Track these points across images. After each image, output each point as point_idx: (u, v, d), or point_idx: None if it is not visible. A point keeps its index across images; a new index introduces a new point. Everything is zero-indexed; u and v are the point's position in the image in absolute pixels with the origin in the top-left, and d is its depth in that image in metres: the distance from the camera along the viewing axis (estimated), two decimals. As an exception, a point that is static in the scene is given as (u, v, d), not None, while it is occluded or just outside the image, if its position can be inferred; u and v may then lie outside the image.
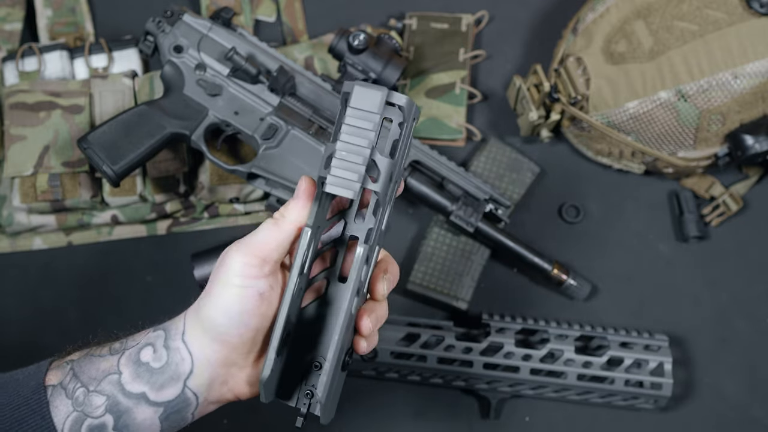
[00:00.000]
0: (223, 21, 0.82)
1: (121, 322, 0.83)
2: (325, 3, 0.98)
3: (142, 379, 0.49)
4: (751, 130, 0.78)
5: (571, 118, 0.86)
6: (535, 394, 0.79)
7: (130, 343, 0.51)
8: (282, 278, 0.51)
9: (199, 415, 0.53)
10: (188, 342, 0.50)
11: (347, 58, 0.81)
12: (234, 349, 0.50)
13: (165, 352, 0.50)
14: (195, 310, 0.51)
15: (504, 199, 0.82)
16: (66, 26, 0.92)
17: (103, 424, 0.48)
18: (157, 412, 0.49)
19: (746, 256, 0.87)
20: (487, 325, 0.79)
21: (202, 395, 0.51)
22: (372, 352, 0.61)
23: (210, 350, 0.49)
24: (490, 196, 0.82)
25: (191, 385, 0.50)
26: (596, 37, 0.81)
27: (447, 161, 0.83)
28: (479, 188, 0.82)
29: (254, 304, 0.48)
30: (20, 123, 0.82)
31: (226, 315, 0.48)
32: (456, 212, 0.80)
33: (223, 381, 0.51)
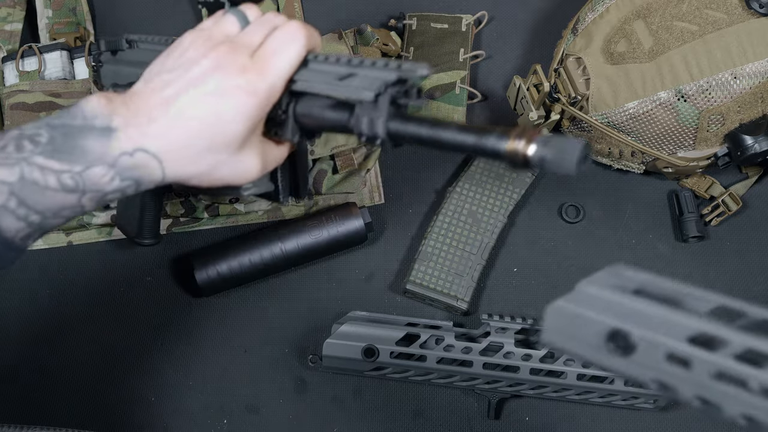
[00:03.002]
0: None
1: (121, 322, 0.84)
2: (325, 3, 0.98)
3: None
4: (751, 130, 0.78)
5: (571, 118, 0.86)
6: (535, 394, 0.79)
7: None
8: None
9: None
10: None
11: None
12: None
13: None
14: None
15: (414, 67, 0.48)
16: (66, 26, 0.92)
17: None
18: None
19: (746, 256, 0.87)
20: (486, 325, 0.79)
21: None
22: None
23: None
24: (397, 76, 0.48)
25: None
26: (596, 37, 0.81)
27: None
28: (375, 74, 0.49)
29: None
30: (20, 123, 0.82)
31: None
32: (356, 126, 0.49)
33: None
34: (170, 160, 0.48)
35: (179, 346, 0.83)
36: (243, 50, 0.50)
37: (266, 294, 0.85)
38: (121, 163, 0.47)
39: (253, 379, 0.82)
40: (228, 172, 0.51)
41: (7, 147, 0.46)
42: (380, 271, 0.86)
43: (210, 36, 0.51)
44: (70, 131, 0.46)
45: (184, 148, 0.48)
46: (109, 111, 0.47)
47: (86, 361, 0.81)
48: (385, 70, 0.47)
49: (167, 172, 0.48)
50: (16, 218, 0.46)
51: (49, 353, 0.82)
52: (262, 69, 0.49)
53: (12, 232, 0.46)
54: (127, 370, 0.81)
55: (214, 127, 0.48)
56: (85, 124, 0.47)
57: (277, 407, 0.81)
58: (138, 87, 0.50)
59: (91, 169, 0.46)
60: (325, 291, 0.85)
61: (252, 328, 0.84)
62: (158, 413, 0.80)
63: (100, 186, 0.47)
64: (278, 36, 0.51)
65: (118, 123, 0.47)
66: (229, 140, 0.49)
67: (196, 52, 0.49)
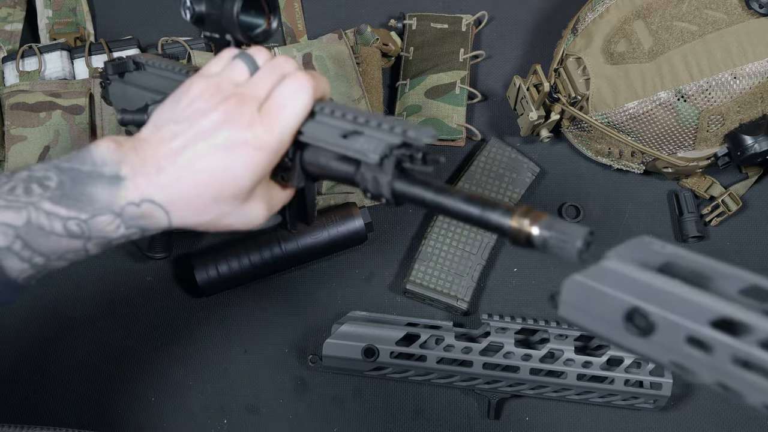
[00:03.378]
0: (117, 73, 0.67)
1: (121, 322, 0.84)
2: (324, 3, 0.98)
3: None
4: (751, 130, 0.78)
5: (571, 118, 0.86)
6: (535, 394, 0.79)
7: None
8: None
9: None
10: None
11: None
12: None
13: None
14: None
15: (419, 135, 0.46)
16: (66, 26, 0.92)
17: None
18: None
19: (746, 255, 0.87)
20: (486, 325, 0.79)
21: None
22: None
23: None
24: (402, 141, 0.47)
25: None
26: (596, 37, 0.81)
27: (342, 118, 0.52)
28: (380, 135, 0.49)
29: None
30: (21, 123, 0.82)
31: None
32: (361, 182, 0.50)
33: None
34: (177, 210, 0.48)
35: (179, 346, 0.83)
36: (251, 103, 0.49)
37: (266, 294, 0.85)
38: (127, 212, 0.47)
39: (253, 379, 0.82)
40: (234, 221, 0.51)
41: (16, 189, 0.46)
42: (380, 271, 0.86)
43: (219, 85, 0.50)
44: (79, 177, 0.46)
45: (191, 199, 0.48)
46: (119, 157, 0.47)
47: (86, 361, 0.81)
48: (390, 133, 0.47)
49: (173, 220, 0.49)
50: (20, 260, 0.46)
51: (50, 353, 0.82)
52: (269, 124, 0.49)
53: (15, 273, 0.46)
54: (127, 370, 0.81)
55: (222, 181, 0.48)
56: (94, 171, 0.46)
57: (277, 407, 0.81)
58: (147, 133, 0.50)
59: (97, 217, 0.46)
60: (325, 291, 0.85)
61: (252, 328, 0.84)
62: (158, 413, 0.80)
63: (105, 233, 0.47)
64: (286, 89, 0.50)
65: (127, 172, 0.46)
66: (236, 193, 0.49)
67: (205, 104, 0.49)
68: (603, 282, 0.38)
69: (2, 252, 0.45)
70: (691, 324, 0.35)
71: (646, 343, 0.37)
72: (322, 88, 0.52)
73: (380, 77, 0.91)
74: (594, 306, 0.38)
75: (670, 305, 0.35)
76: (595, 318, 0.39)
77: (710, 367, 0.35)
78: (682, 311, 0.35)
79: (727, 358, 0.34)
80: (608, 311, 0.38)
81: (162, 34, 0.92)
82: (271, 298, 0.85)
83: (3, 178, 0.47)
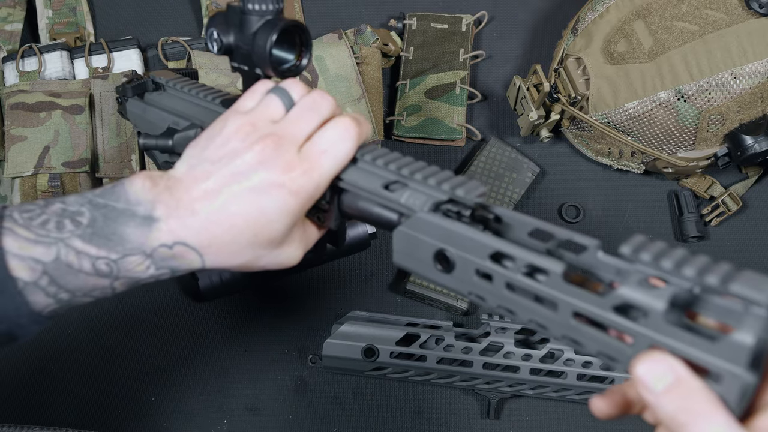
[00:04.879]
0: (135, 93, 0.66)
1: (121, 322, 0.84)
2: (324, 3, 0.98)
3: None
4: (751, 130, 0.78)
5: (571, 118, 0.86)
6: (535, 394, 0.79)
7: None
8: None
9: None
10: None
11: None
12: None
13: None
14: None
15: (468, 194, 0.44)
16: (66, 26, 0.92)
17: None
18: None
19: (746, 255, 0.87)
20: (486, 325, 0.79)
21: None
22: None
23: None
24: (449, 197, 0.46)
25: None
26: (596, 37, 0.81)
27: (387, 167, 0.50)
28: (427, 191, 0.47)
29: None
30: (20, 123, 0.82)
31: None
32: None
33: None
34: (210, 253, 0.47)
35: (179, 346, 0.83)
36: (289, 145, 0.47)
37: (266, 294, 0.85)
38: (159, 253, 0.46)
39: (253, 379, 0.82)
40: (269, 262, 0.50)
41: (48, 224, 0.45)
42: (380, 271, 0.86)
43: (254, 123, 0.48)
44: (112, 214, 0.46)
45: (226, 244, 0.47)
46: (153, 197, 0.46)
47: (86, 361, 0.81)
48: (437, 190, 0.46)
49: (207, 263, 0.48)
50: (45, 295, 0.45)
51: (49, 353, 0.82)
52: (309, 169, 0.47)
53: (40, 307, 0.46)
54: (127, 371, 0.81)
55: (257, 225, 0.46)
56: (128, 209, 0.46)
57: (277, 407, 0.81)
58: (181, 172, 0.48)
59: (128, 257, 0.46)
60: (325, 291, 0.85)
61: (252, 328, 0.84)
62: (158, 413, 0.80)
63: (134, 273, 0.46)
64: (329, 134, 0.48)
65: (161, 213, 0.45)
66: (272, 237, 0.47)
67: (240, 143, 0.47)
68: (418, 230, 0.44)
69: (29, 287, 0.44)
70: (476, 259, 0.41)
71: (450, 278, 0.43)
72: (366, 134, 0.50)
73: (380, 77, 0.91)
74: (414, 251, 0.45)
75: (463, 246, 0.42)
76: (416, 261, 0.45)
77: (493, 294, 0.41)
78: (470, 249, 0.42)
79: (502, 285, 0.41)
80: (423, 254, 0.44)
81: (162, 34, 0.92)
82: (271, 299, 0.85)
83: (37, 210, 0.46)
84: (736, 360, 0.33)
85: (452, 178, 0.46)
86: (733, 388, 0.34)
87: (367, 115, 0.86)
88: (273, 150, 0.46)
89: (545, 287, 0.39)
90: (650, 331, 0.35)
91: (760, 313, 0.33)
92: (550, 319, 0.39)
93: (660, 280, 0.36)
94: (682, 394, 0.35)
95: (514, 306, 0.41)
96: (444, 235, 0.43)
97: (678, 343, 0.35)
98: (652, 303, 0.35)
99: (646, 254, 0.36)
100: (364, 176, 0.49)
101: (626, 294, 0.36)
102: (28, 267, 0.44)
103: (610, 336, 0.38)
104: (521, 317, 0.41)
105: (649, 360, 0.36)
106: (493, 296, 0.42)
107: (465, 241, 0.42)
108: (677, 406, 0.35)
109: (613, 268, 0.38)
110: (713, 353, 0.34)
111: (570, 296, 0.38)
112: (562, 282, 0.38)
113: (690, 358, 0.35)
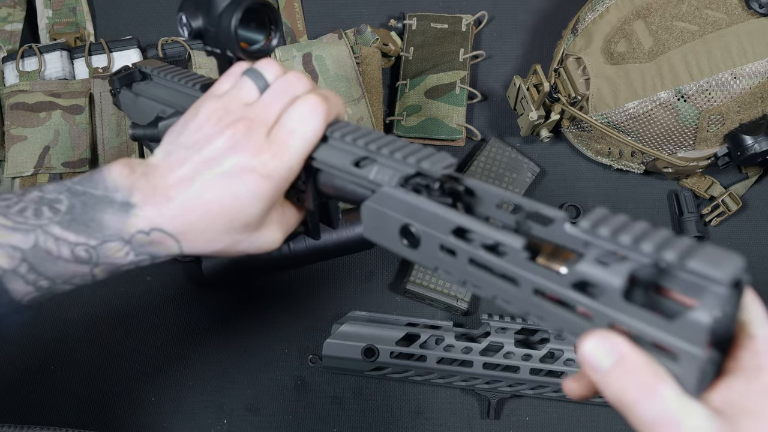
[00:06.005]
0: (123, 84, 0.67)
1: (121, 322, 0.84)
2: (325, 3, 0.98)
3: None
4: (751, 130, 0.78)
5: (571, 118, 0.86)
6: (535, 394, 0.79)
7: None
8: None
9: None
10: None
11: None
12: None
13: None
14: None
15: (434, 166, 0.44)
16: (66, 26, 0.92)
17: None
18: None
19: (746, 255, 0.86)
20: (486, 325, 0.79)
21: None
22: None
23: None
24: (416, 171, 0.45)
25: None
26: (596, 37, 0.81)
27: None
28: (394, 165, 0.46)
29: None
30: (20, 123, 0.82)
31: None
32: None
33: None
34: (187, 240, 0.47)
35: (179, 346, 0.83)
36: (259, 128, 0.47)
37: (266, 294, 0.85)
38: (137, 239, 0.46)
39: (253, 379, 0.82)
40: (248, 246, 0.49)
41: (26, 211, 0.45)
42: (380, 271, 0.86)
43: (227, 108, 0.48)
44: (90, 201, 0.46)
45: (202, 230, 0.47)
46: (130, 183, 0.46)
47: (86, 361, 0.81)
48: (404, 164, 0.45)
49: (185, 248, 0.48)
50: (25, 282, 0.45)
51: (49, 353, 0.82)
52: (278, 151, 0.47)
53: (20, 295, 0.46)
54: (127, 370, 0.81)
55: (231, 210, 0.46)
56: (106, 196, 0.46)
57: (277, 407, 0.81)
58: (157, 159, 0.48)
59: (106, 243, 0.46)
60: (325, 291, 0.85)
61: (252, 328, 0.84)
62: (158, 413, 0.80)
63: (114, 260, 0.47)
64: (296, 113, 0.48)
65: (138, 199, 0.46)
66: (247, 222, 0.47)
67: (212, 128, 0.47)
68: (383, 205, 0.44)
69: (7, 274, 0.44)
70: (439, 234, 0.41)
71: (417, 254, 0.43)
72: (336, 110, 0.50)
73: (380, 77, 0.91)
74: (382, 226, 0.45)
75: (426, 221, 0.42)
76: (385, 236, 0.45)
77: (458, 269, 0.41)
78: (433, 224, 0.42)
79: (465, 260, 0.40)
80: (390, 229, 0.44)
81: (162, 34, 0.92)
82: (271, 298, 0.85)
83: (14, 198, 0.46)
84: (693, 339, 0.32)
85: (420, 151, 0.45)
86: (692, 368, 0.33)
87: (367, 115, 0.86)
88: (243, 134, 0.46)
89: (506, 263, 0.38)
90: (608, 309, 0.35)
91: (719, 291, 0.32)
92: (512, 295, 0.39)
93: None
94: (626, 372, 0.34)
95: (479, 281, 0.41)
96: (408, 210, 0.43)
97: (636, 321, 0.34)
98: (609, 280, 0.34)
99: (604, 229, 0.35)
100: (336, 154, 0.48)
101: (584, 271, 0.35)
102: (7, 254, 0.44)
103: (570, 313, 0.37)
104: (486, 292, 0.41)
105: (593, 339, 0.35)
106: (458, 271, 0.42)
107: (428, 216, 0.42)
108: (621, 385, 0.34)
109: (580, 241, 0.37)
110: (670, 332, 0.33)
111: (530, 273, 0.38)
112: (523, 258, 0.38)
113: (648, 338, 0.34)
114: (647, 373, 0.34)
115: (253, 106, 0.49)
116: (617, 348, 0.34)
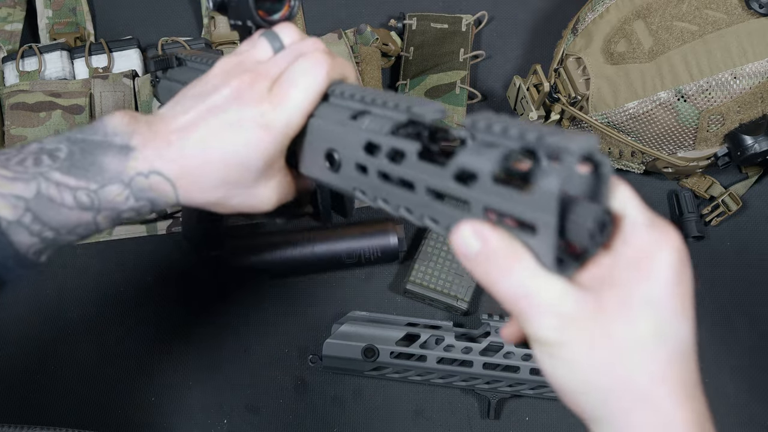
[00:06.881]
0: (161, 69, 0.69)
1: (121, 322, 0.84)
2: (325, 3, 0.98)
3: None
4: (751, 130, 0.78)
5: (571, 118, 0.86)
6: (535, 394, 0.79)
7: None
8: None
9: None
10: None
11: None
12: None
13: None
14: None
15: (424, 111, 0.41)
16: (66, 26, 0.92)
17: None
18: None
19: (746, 255, 0.87)
20: (486, 325, 0.79)
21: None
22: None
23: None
24: (407, 118, 0.43)
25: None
26: (596, 37, 0.81)
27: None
28: (386, 113, 0.45)
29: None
30: (20, 123, 0.82)
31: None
32: None
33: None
34: (183, 186, 0.47)
35: (179, 346, 0.83)
36: (263, 80, 0.47)
37: (266, 294, 0.85)
38: (136, 183, 0.46)
39: (253, 379, 0.82)
40: (241, 202, 0.49)
41: (26, 161, 0.45)
42: (380, 271, 0.86)
43: (240, 63, 0.49)
44: (89, 147, 0.46)
45: (199, 177, 0.47)
46: (131, 129, 0.46)
47: (86, 361, 0.81)
48: (395, 111, 0.45)
49: (180, 196, 0.48)
50: (29, 234, 0.45)
51: (50, 353, 0.82)
52: (278, 102, 0.47)
53: (25, 247, 0.45)
54: (127, 370, 0.81)
55: (230, 160, 0.46)
56: (105, 140, 0.46)
57: (277, 407, 0.81)
58: (164, 109, 0.49)
59: (106, 187, 0.46)
60: (325, 291, 0.85)
61: (252, 328, 0.84)
62: (158, 413, 0.80)
63: (115, 204, 0.47)
64: (297, 66, 0.48)
65: (137, 142, 0.46)
66: (243, 174, 0.47)
67: (220, 81, 0.48)
68: (313, 136, 0.47)
69: (12, 226, 0.44)
70: (353, 152, 0.43)
71: (338, 177, 0.45)
72: (341, 70, 0.50)
73: (380, 77, 0.91)
74: (312, 158, 0.47)
75: (344, 143, 0.44)
76: (316, 167, 0.47)
77: (370, 186, 0.43)
78: (348, 145, 0.44)
79: (375, 175, 0.42)
80: (318, 157, 0.46)
81: (162, 34, 0.92)
82: (271, 298, 0.85)
83: (13, 151, 0.46)
84: (544, 207, 0.33)
85: (411, 98, 0.45)
86: (547, 238, 0.34)
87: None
88: (248, 85, 0.47)
89: (405, 168, 0.40)
90: (481, 194, 0.36)
91: (569, 161, 0.33)
92: (412, 201, 0.40)
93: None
94: (487, 255, 0.36)
95: (387, 195, 0.42)
96: (332, 136, 0.45)
97: (502, 201, 0.35)
98: (480, 164, 0.35)
99: (481, 122, 0.37)
100: (335, 111, 0.48)
101: (461, 160, 0.37)
102: (10, 205, 0.44)
103: (451, 207, 0.38)
104: (393, 206, 0.42)
105: (461, 226, 0.36)
106: (371, 188, 0.43)
107: (345, 136, 0.44)
108: (485, 269, 0.36)
109: (466, 137, 0.39)
110: (527, 204, 0.34)
111: (421, 172, 0.39)
112: (417, 160, 0.39)
113: (513, 215, 0.35)
114: (505, 253, 0.35)
115: (264, 64, 0.49)
116: (481, 233, 0.36)
